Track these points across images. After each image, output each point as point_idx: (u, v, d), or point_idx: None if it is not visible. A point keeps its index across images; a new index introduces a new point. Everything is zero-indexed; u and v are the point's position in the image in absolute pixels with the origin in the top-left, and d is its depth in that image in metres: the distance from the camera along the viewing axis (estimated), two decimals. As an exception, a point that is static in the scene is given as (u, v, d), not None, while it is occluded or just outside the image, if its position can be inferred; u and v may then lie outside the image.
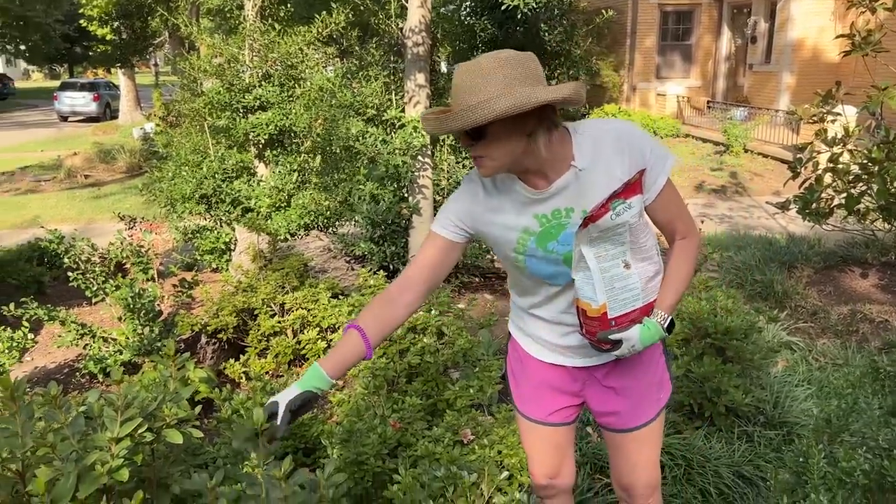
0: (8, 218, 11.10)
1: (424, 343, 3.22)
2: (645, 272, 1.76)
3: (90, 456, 1.75)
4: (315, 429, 2.93)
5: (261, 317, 4.29)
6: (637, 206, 1.68)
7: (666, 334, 1.78)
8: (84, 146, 17.46)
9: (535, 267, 1.82)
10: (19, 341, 3.59)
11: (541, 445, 2.13)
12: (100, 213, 11.03)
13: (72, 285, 4.26)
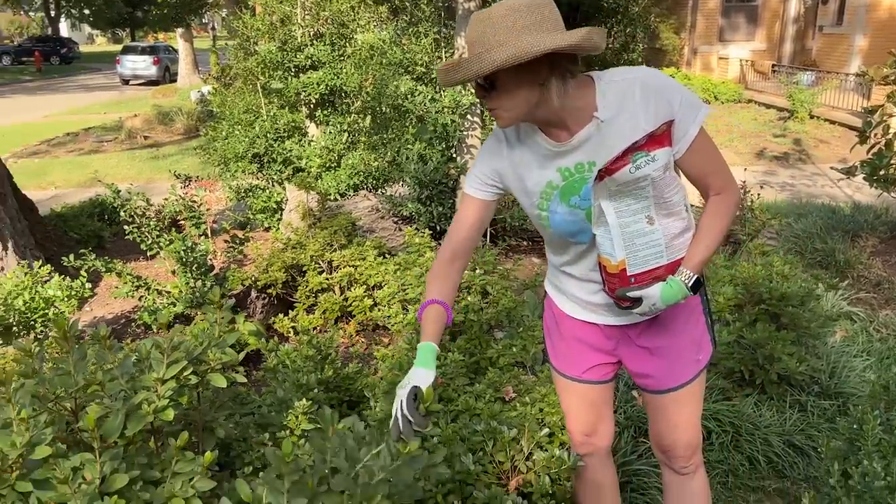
0: (72, 177, 11.50)
1: (468, 301, 3.21)
2: (670, 228, 1.69)
3: (137, 396, 1.80)
4: (359, 382, 2.96)
5: (309, 273, 4.34)
6: (662, 160, 1.61)
7: (690, 293, 1.71)
8: (144, 108, 17.88)
9: (559, 222, 1.78)
10: (78, 290, 3.72)
11: (577, 403, 2.10)
12: (158, 173, 11.32)
13: (128, 238, 4.38)
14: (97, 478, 1.68)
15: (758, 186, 6.21)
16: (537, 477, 2.13)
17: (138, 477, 1.74)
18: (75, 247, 4.62)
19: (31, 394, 1.77)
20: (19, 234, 4.64)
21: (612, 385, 2.13)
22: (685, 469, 2.06)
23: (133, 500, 1.70)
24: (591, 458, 2.16)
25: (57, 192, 10.40)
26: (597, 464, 2.18)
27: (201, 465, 1.79)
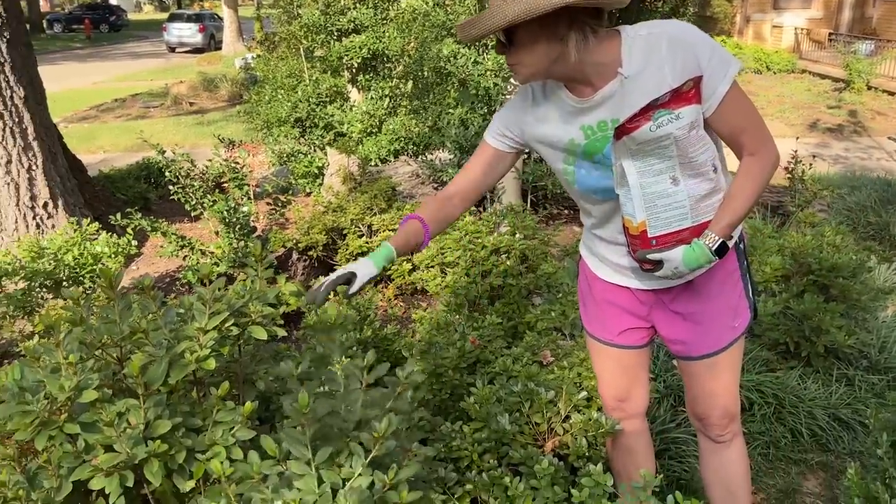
0: (120, 141, 11.74)
1: (507, 266, 3.18)
2: (696, 190, 1.62)
3: (180, 345, 1.83)
4: (397, 343, 2.97)
5: (349, 237, 4.36)
6: (688, 118, 1.54)
7: (714, 258, 1.64)
8: (189, 75, 18.09)
9: (584, 181, 1.75)
10: (124, 247, 3.81)
11: (609, 367, 2.08)
12: (203, 138, 11.46)
13: (173, 200, 4.45)
14: (141, 423, 1.72)
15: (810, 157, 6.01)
16: (574, 439, 2.12)
17: (180, 424, 1.78)
18: (122, 207, 4.72)
19: (78, 341, 1.82)
20: (69, 192, 4.76)
21: (647, 351, 2.09)
22: (721, 437, 2.02)
23: (175, 445, 1.74)
24: (624, 423, 2.14)
25: (105, 155, 10.63)
26: (629, 429, 2.15)
27: (242, 415, 1.82)
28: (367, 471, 1.62)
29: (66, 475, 1.68)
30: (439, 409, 2.50)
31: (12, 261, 3.74)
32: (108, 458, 1.64)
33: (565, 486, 1.93)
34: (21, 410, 1.66)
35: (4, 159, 4.26)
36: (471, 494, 2.08)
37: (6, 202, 4.30)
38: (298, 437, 1.64)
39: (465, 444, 2.15)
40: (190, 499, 1.90)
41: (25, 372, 1.80)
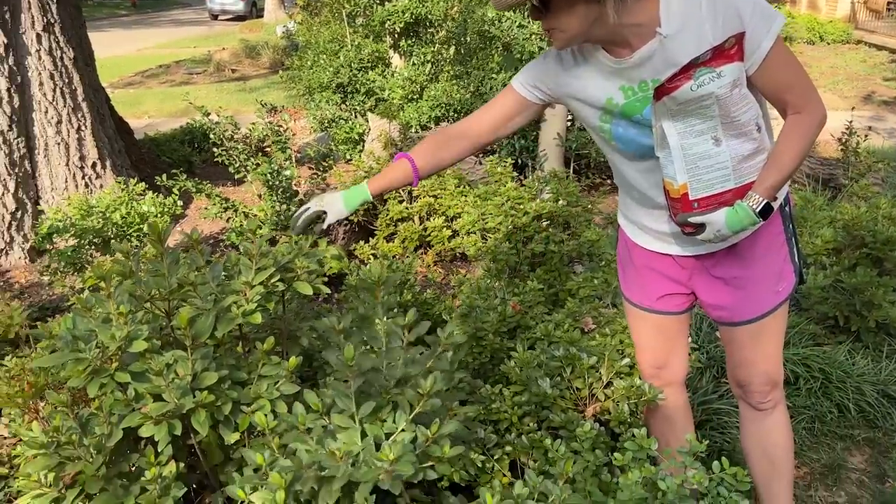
0: (164, 107, 11.89)
1: (549, 232, 3.15)
2: (739, 150, 1.57)
3: (227, 299, 1.86)
4: (437, 307, 2.97)
5: (390, 202, 4.36)
6: (730, 76, 1.48)
7: (759, 220, 1.58)
8: (232, 43, 18.17)
9: (621, 138, 1.71)
10: (170, 207, 3.87)
11: (647, 333, 2.05)
12: (245, 105, 11.53)
13: (216, 162, 4.50)
14: (189, 374, 1.76)
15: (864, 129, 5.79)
16: (616, 405, 2.10)
17: (227, 377, 1.81)
18: (167, 170, 4.78)
19: (128, 293, 1.85)
20: (116, 153, 4.84)
21: (687, 318, 2.05)
22: (763, 405, 1.97)
23: (221, 397, 1.78)
24: (661, 390, 2.11)
25: (150, 120, 10.78)
26: (669, 395, 2.12)
27: (286, 369, 1.84)
28: (410, 426, 1.63)
29: (116, 422, 1.73)
30: (478, 373, 2.50)
31: (63, 218, 3.83)
32: (157, 407, 1.68)
33: (606, 451, 1.92)
34: (74, 358, 1.70)
35: (55, 119, 4.34)
36: (510, 456, 2.08)
37: (56, 161, 4.39)
38: (343, 390, 1.65)
39: (505, 406, 2.15)
40: (234, 451, 1.94)
41: (78, 322, 1.85)
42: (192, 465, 1.96)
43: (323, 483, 1.53)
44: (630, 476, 1.50)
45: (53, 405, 1.76)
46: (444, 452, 1.58)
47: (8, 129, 4.14)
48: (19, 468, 2.24)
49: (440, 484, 1.99)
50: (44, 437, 1.69)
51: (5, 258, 4.19)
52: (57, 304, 3.66)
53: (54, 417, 1.71)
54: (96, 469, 1.67)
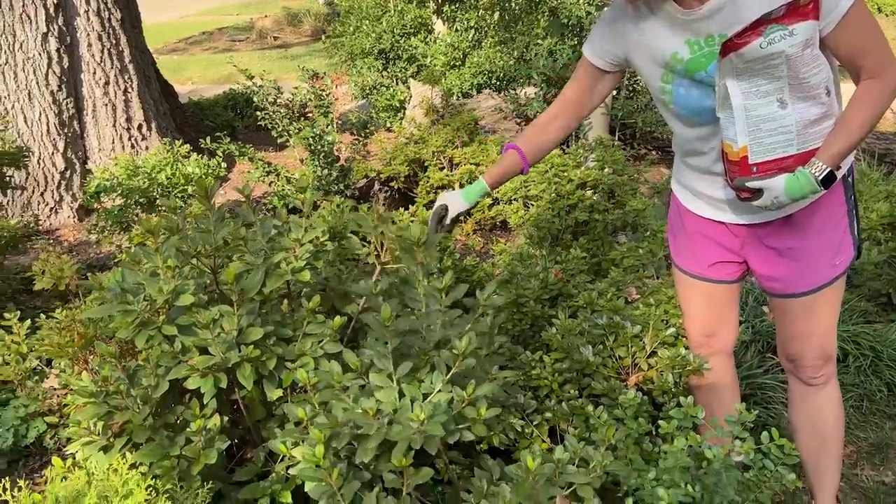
0: (207, 73, 12.00)
1: (594, 201, 3.09)
2: (805, 114, 1.49)
3: (276, 255, 1.86)
4: (477, 274, 2.96)
5: (430, 169, 4.33)
6: (803, 35, 1.40)
7: (820, 188, 1.51)
8: (274, 10, 18.17)
9: (681, 101, 1.65)
10: (214, 169, 3.90)
11: (696, 301, 2.00)
12: (286, 72, 11.55)
13: (259, 127, 4.51)
14: (234, 329, 1.77)
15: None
16: (659, 374, 2.07)
17: (272, 333, 1.82)
18: (211, 133, 4.82)
19: (175, 248, 1.87)
20: (162, 116, 4.89)
21: (737, 287, 1.99)
22: (814, 380, 1.91)
23: (266, 353, 1.79)
24: (709, 359, 2.07)
25: (193, 86, 10.88)
26: (716, 365, 2.07)
27: (330, 328, 1.85)
28: (446, 387, 1.62)
29: (163, 374, 1.76)
30: (518, 340, 2.49)
31: (110, 178, 3.89)
32: (203, 360, 1.70)
33: (648, 420, 1.89)
34: (123, 310, 1.72)
35: (103, 80, 4.40)
36: (549, 423, 2.07)
37: (104, 122, 4.46)
38: (381, 349, 1.65)
39: (545, 373, 2.13)
40: (277, 407, 1.97)
41: (126, 275, 1.87)
42: (234, 421, 1.99)
43: (359, 441, 1.53)
44: (676, 443, 1.47)
45: (102, 356, 1.80)
46: (479, 414, 1.57)
47: (58, 89, 4.21)
48: (69, 417, 2.31)
49: (479, 447, 1.99)
50: (93, 386, 1.72)
51: (55, 217, 4.29)
52: (104, 261, 3.74)
53: (103, 368, 1.74)
54: (143, 419, 1.70)
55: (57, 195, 4.29)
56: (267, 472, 1.88)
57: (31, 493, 1.50)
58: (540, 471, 1.49)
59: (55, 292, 2.74)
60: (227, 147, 4.08)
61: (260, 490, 1.80)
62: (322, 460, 1.43)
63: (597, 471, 1.56)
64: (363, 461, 1.52)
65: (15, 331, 2.32)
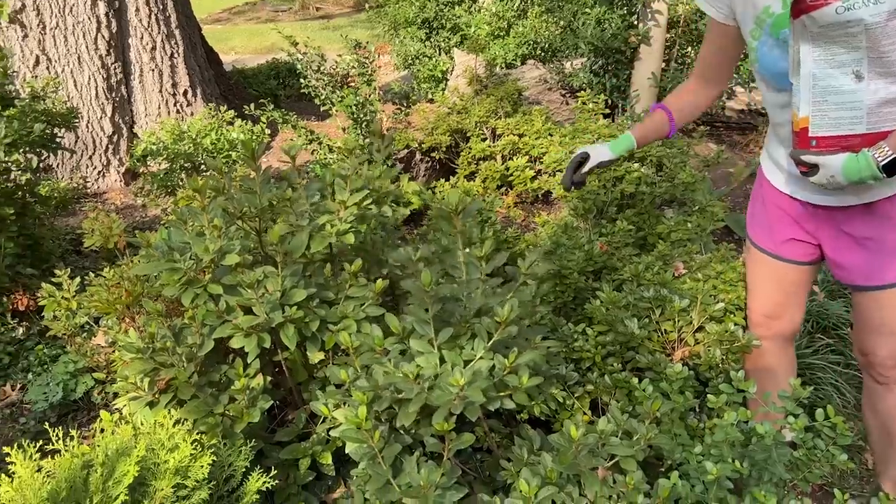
0: (251, 43, 12.04)
1: (641, 173, 3.02)
2: (881, 92, 1.40)
3: (321, 218, 1.86)
4: (519, 245, 2.92)
5: (472, 140, 4.28)
6: (891, 4, 1.31)
7: (881, 175, 1.42)
8: (317, -20, 18.11)
9: (763, 60, 1.61)
10: (258, 135, 3.92)
11: (764, 278, 1.94)
12: (329, 42, 11.54)
13: (302, 95, 4.51)
14: (278, 290, 1.77)
15: None
16: (707, 350, 2.02)
17: (315, 294, 1.82)
18: (254, 101, 4.84)
19: (220, 209, 1.87)
20: (207, 82, 4.92)
21: (810, 271, 1.91)
22: (883, 378, 1.84)
23: (309, 314, 1.79)
24: (767, 341, 2.01)
25: (237, 56, 10.93)
26: (774, 348, 2.02)
27: (372, 291, 1.84)
28: (487, 355, 1.61)
29: (207, 333, 1.77)
30: (560, 312, 2.45)
31: (156, 141, 3.94)
32: (248, 320, 1.71)
33: (694, 395, 1.85)
34: (170, 268, 1.74)
35: (150, 45, 4.43)
36: (591, 395, 2.04)
37: (150, 87, 4.50)
38: (422, 315, 1.64)
39: (588, 346, 2.10)
40: (318, 370, 1.97)
41: (173, 234, 1.89)
42: (276, 383, 2.01)
43: (401, 404, 1.53)
44: (726, 417, 1.43)
45: (149, 314, 1.82)
46: (521, 382, 1.54)
47: (106, 53, 4.25)
48: (116, 373, 2.36)
49: (520, 416, 1.97)
50: (140, 342, 1.75)
51: (102, 180, 4.36)
52: (150, 225, 3.80)
53: (149, 325, 1.76)
54: (188, 376, 1.72)
55: (104, 159, 4.36)
56: (308, 434, 1.90)
57: (81, 445, 1.53)
58: (583, 441, 1.47)
59: (103, 253, 2.79)
60: (271, 114, 4.08)
61: (301, 450, 1.82)
62: (364, 422, 1.42)
63: (640, 443, 1.53)
64: (404, 425, 1.51)
65: (65, 287, 2.37)
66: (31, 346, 2.66)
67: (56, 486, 1.42)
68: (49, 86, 2.89)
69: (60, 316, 2.37)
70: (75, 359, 2.43)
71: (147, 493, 1.45)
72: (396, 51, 6.60)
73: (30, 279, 2.78)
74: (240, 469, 1.63)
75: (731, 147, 5.10)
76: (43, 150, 2.88)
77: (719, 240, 3.32)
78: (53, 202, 3.08)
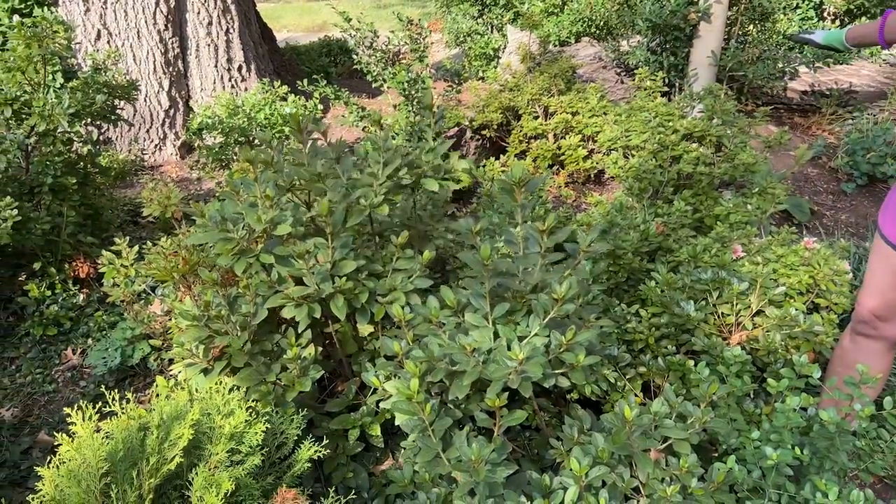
0: (302, 21, 12.12)
1: (700, 153, 2.93)
2: None
3: (356, 192, 1.85)
4: (571, 224, 2.87)
5: (524, 118, 4.22)
6: None
7: None
8: (369, -42, 18.06)
9: None
10: (311, 110, 3.93)
11: (884, 273, 1.81)
12: (379, 21, 11.51)
13: (354, 70, 4.50)
14: (328, 261, 1.78)
15: None
16: (766, 334, 1.95)
17: (364, 266, 1.82)
18: (307, 77, 4.86)
19: (272, 182, 1.88)
20: (261, 58, 4.96)
21: None
22: None
23: (358, 286, 1.79)
24: (870, 341, 1.89)
25: (289, 34, 11.02)
26: (870, 349, 1.89)
27: (420, 263, 1.83)
28: (543, 331, 1.58)
29: (261, 303, 1.79)
30: (612, 292, 2.41)
31: (212, 115, 3.99)
32: (299, 290, 1.72)
33: (751, 380, 1.79)
34: (224, 238, 1.76)
35: (206, 21, 4.48)
36: (643, 377, 2.00)
37: (206, 63, 4.56)
38: (477, 288, 1.62)
39: (642, 327, 2.05)
40: (367, 342, 1.98)
41: (226, 206, 1.91)
42: (327, 355, 2.02)
43: (454, 377, 1.52)
44: (788, 402, 1.38)
45: (204, 283, 1.85)
46: (578, 360, 1.51)
47: (164, 28, 4.32)
48: (172, 341, 2.41)
49: (569, 395, 1.95)
50: (196, 310, 1.78)
51: (159, 153, 4.45)
52: (205, 197, 3.86)
53: (205, 294, 1.79)
54: (242, 345, 1.74)
55: (161, 132, 4.44)
56: (357, 405, 1.91)
57: (137, 408, 1.57)
58: (638, 421, 1.44)
59: (159, 224, 2.85)
60: (324, 90, 4.09)
61: (350, 421, 1.83)
62: (416, 394, 1.42)
63: (695, 427, 1.49)
64: (456, 397, 1.50)
65: (124, 255, 2.42)
66: (91, 312, 2.74)
67: (114, 447, 1.45)
68: (110, 58, 2.95)
69: (120, 283, 2.42)
70: (133, 325, 2.49)
71: (202, 457, 1.47)
72: (448, 28, 6.54)
73: (90, 247, 2.86)
74: (291, 437, 1.64)
75: (792, 129, 4.91)
76: (103, 121, 2.94)
77: (778, 224, 3.21)
78: (113, 173, 3.15)
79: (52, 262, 2.78)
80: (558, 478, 1.46)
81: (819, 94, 5.13)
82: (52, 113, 2.55)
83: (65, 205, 2.76)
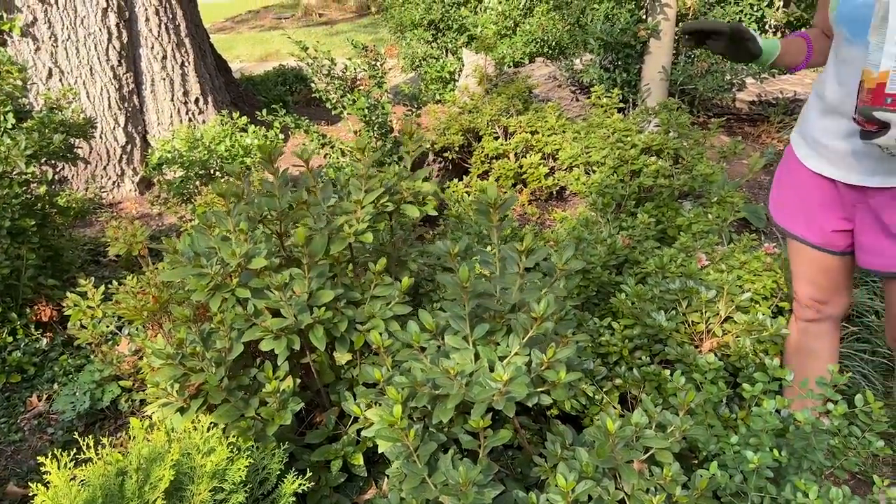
0: (255, 51, 12.07)
1: (659, 166, 3.01)
2: None
3: (338, 219, 1.85)
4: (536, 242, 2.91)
5: (485, 138, 4.28)
6: None
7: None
8: (319, -14, 18.16)
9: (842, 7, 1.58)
10: (272, 140, 3.92)
11: (809, 266, 1.90)
12: (333, 48, 11.53)
13: (314, 96, 4.51)
14: (305, 292, 1.77)
15: None
16: (736, 339, 2.00)
17: (342, 295, 1.82)
18: (264, 107, 4.85)
19: (243, 213, 1.88)
20: (217, 90, 4.94)
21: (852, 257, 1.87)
22: None
23: (337, 315, 1.79)
24: (816, 324, 1.97)
25: (242, 64, 10.97)
26: (820, 331, 1.98)
27: (398, 290, 1.84)
28: (523, 350, 1.60)
29: (236, 337, 1.77)
30: (584, 307, 2.44)
31: (171, 150, 3.95)
32: (277, 322, 1.71)
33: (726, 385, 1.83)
34: (197, 273, 1.74)
35: (160, 55, 4.45)
36: (619, 389, 2.03)
37: (162, 97, 4.52)
38: (457, 311, 1.63)
39: (615, 339, 2.08)
40: (345, 371, 1.97)
41: (197, 240, 1.89)
42: (304, 386, 2.01)
43: (437, 401, 1.52)
44: (764, 405, 1.42)
45: (176, 319, 1.82)
46: (559, 377, 1.53)
47: (118, 64, 4.27)
48: (143, 381, 2.36)
49: (550, 412, 1.96)
50: (169, 348, 1.75)
51: (117, 190, 4.38)
52: (167, 233, 3.81)
53: (178, 331, 1.76)
54: (219, 381, 1.72)
55: (119, 169, 4.38)
56: (337, 435, 1.89)
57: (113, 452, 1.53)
58: (620, 433, 1.46)
59: (122, 262, 2.80)
60: (284, 119, 4.09)
61: (332, 452, 1.81)
62: (399, 420, 1.42)
63: (675, 435, 1.52)
64: (440, 421, 1.51)
65: (90, 296, 2.38)
66: (56, 356, 2.67)
67: (92, 494, 1.42)
68: (65, 97, 2.90)
69: (87, 325, 2.37)
70: (101, 367, 2.44)
71: (184, 498, 1.45)
72: (403, 53, 6.61)
73: (52, 290, 2.79)
74: (274, 472, 1.62)
75: (743, 139, 5.07)
76: (61, 160, 2.89)
77: (738, 231, 3.30)
78: (72, 213, 3.10)
79: (13, 307, 2.70)
80: (544, 495, 1.47)
81: (766, 103, 5.32)
82: (9, 155, 2.50)
83: (24, 247, 2.70)
